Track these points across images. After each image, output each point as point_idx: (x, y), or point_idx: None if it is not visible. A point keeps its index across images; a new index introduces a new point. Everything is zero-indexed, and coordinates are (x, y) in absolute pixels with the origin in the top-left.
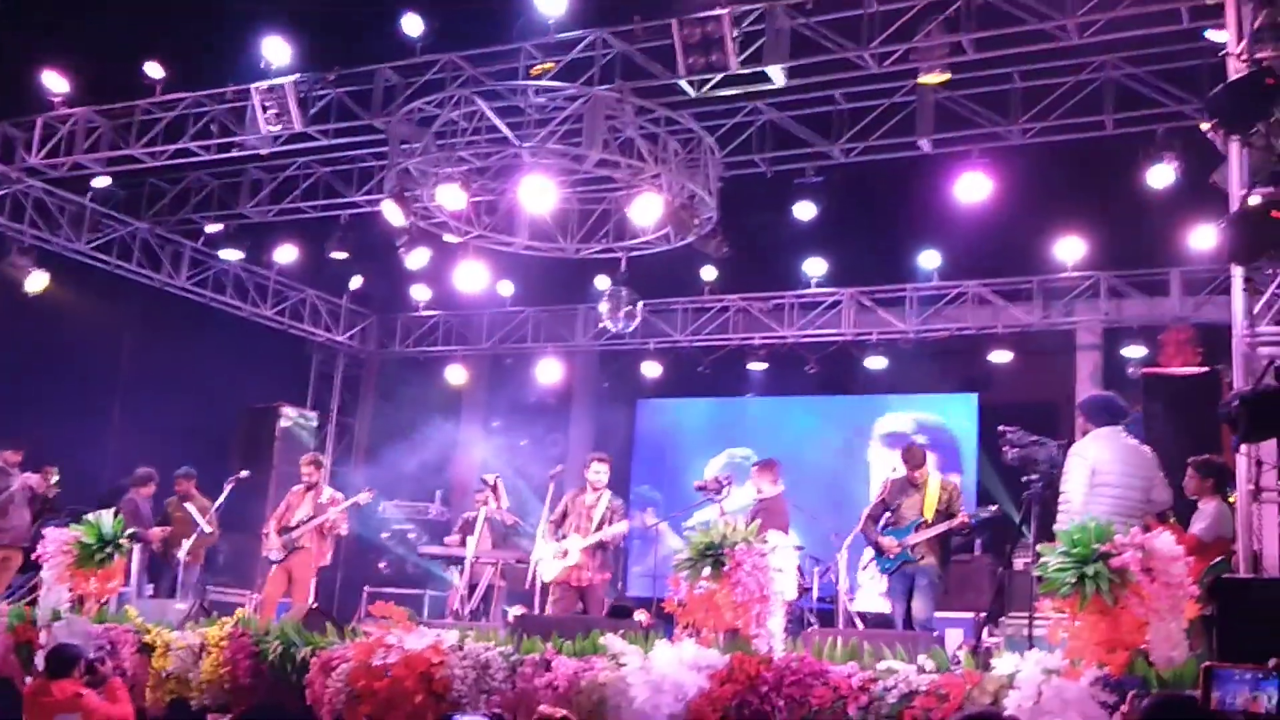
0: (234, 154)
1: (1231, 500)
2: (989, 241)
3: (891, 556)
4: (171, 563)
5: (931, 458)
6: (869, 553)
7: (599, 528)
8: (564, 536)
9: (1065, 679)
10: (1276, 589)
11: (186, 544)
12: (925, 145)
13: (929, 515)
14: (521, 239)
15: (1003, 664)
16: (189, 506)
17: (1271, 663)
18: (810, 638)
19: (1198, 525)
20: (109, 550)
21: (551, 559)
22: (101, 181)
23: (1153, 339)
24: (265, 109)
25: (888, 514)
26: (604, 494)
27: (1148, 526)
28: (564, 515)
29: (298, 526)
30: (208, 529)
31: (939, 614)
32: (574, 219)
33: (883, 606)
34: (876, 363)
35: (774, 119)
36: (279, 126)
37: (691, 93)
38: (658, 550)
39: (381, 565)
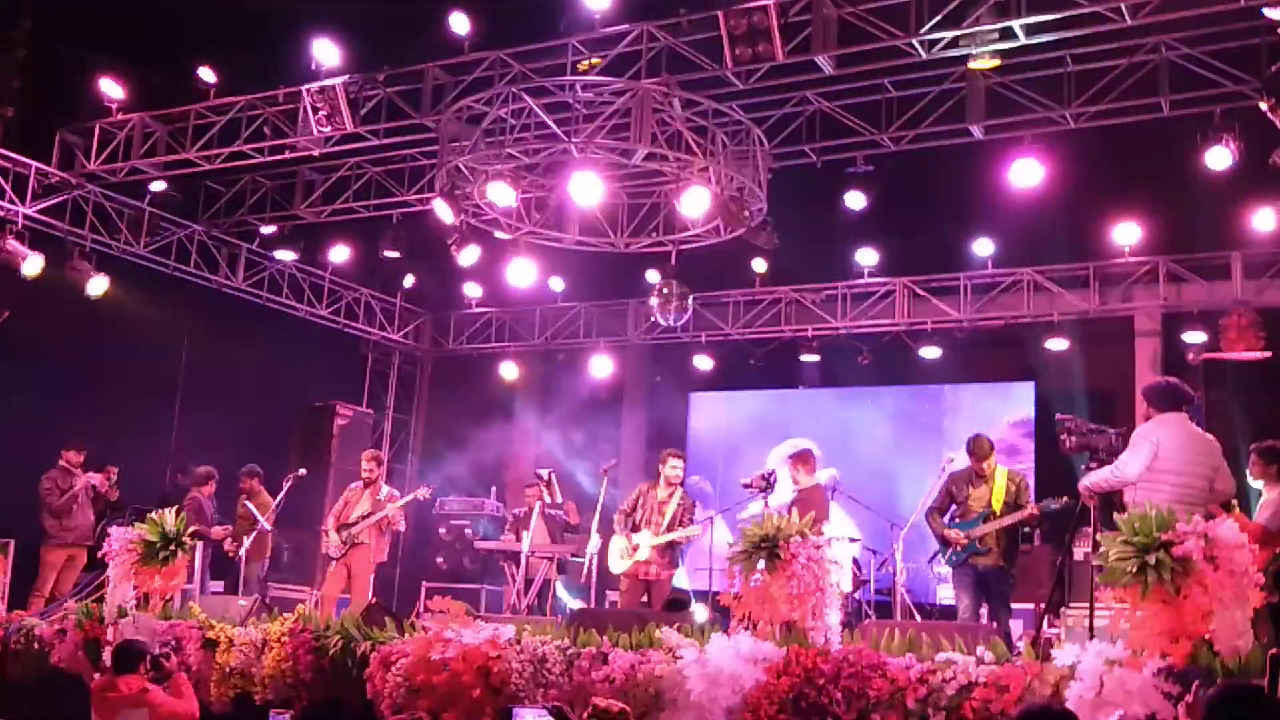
0: (287, 156)
1: None
2: (1043, 228)
3: (959, 549)
4: (235, 559)
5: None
6: (934, 545)
7: (670, 525)
8: (634, 529)
9: (1128, 669)
10: None
11: (247, 540)
12: (977, 131)
13: (997, 507)
14: (571, 234)
15: (1064, 655)
16: (249, 504)
17: None
18: (868, 630)
19: (1263, 514)
20: (172, 548)
21: (619, 554)
22: (158, 185)
23: (1213, 324)
24: (317, 110)
25: (954, 506)
26: (677, 491)
27: (1211, 514)
28: (634, 506)
29: (357, 523)
30: (267, 526)
31: None
32: (623, 213)
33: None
34: (931, 352)
35: (823, 108)
36: (330, 128)
37: (739, 84)
38: (712, 542)
39: (439, 561)
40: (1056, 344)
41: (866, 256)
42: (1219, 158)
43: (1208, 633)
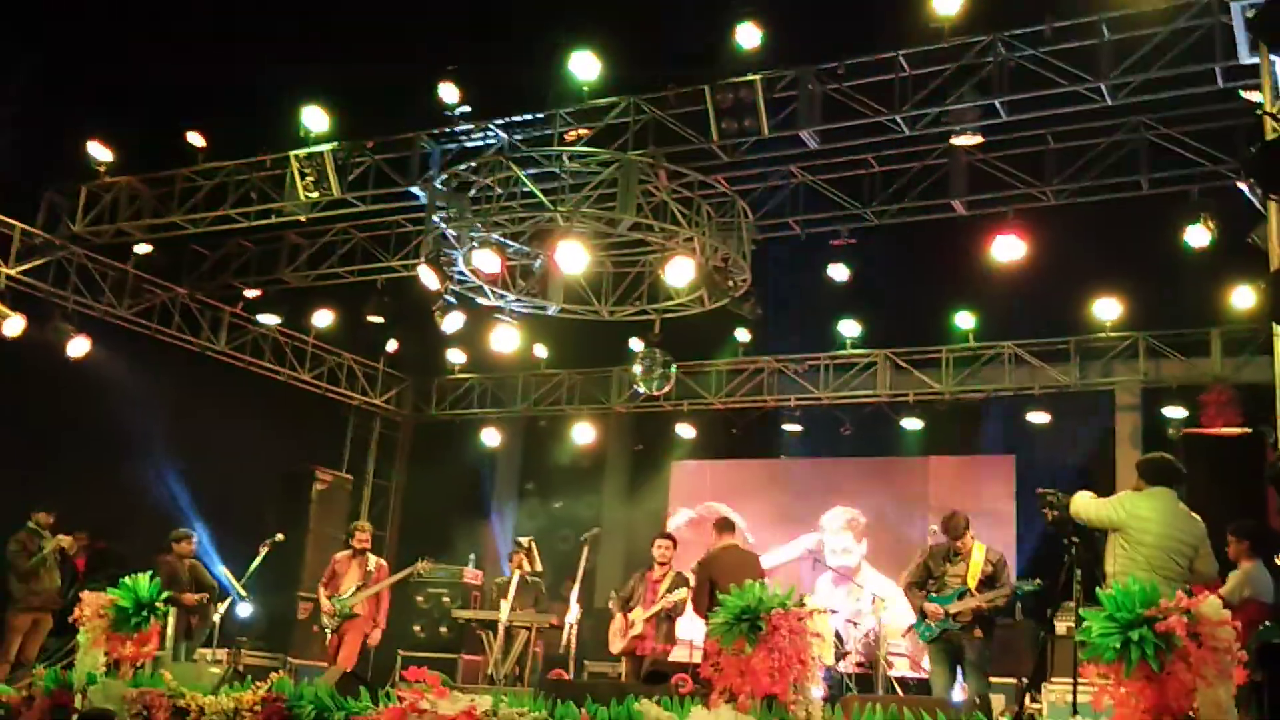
0: (273, 220)
1: (1278, 561)
2: (1025, 302)
3: (933, 623)
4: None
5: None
6: (908, 619)
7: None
8: (630, 610)
9: None
10: None
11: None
12: (959, 207)
13: (972, 584)
14: (556, 302)
15: None
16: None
17: None
18: (849, 704)
19: (1228, 586)
20: (145, 613)
21: (616, 634)
22: (143, 248)
23: (1192, 400)
24: (304, 176)
25: (931, 580)
26: (670, 571)
27: (1191, 591)
28: (631, 592)
29: (353, 594)
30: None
31: None
32: (608, 281)
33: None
34: (913, 424)
35: (807, 181)
36: (317, 194)
37: (724, 157)
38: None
39: (416, 629)
40: (1037, 417)
41: (849, 328)
42: (1197, 236)
43: (1191, 710)
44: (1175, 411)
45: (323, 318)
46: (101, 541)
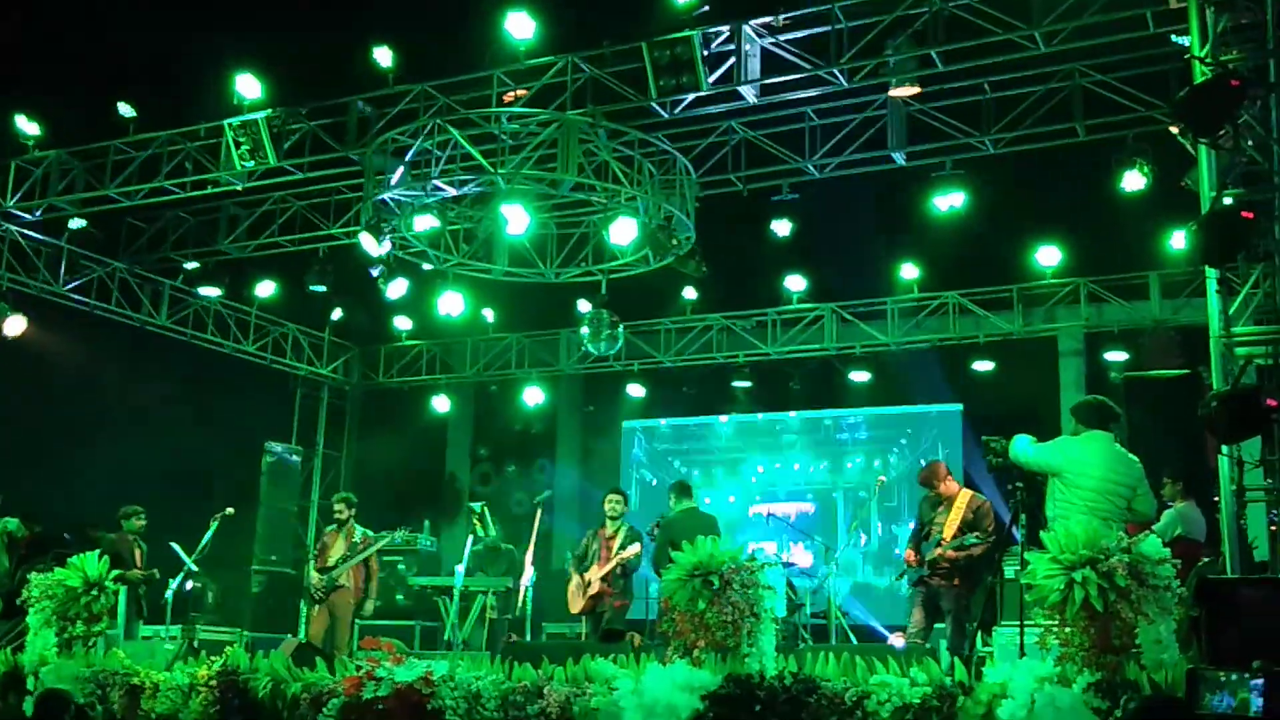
0: (210, 191)
1: (1215, 500)
2: (967, 251)
3: (912, 566)
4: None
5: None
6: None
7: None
8: (586, 569)
9: (1058, 686)
10: (1261, 589)
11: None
12: (899, 158)
13: (949, 533)
14: (501, 265)
15: (995, 673)
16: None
17: (1255, 665)
18: (803, 655)
19: (1160, 523)
20: (94, 592)
21: (575, 594)
22: (77, 223)
23: (1134, 343)
24: (239, 145)
25: (924, 528)
26: (622, 525)
27: (1128, 531)
28: (585, 551)
29: (336, 566)
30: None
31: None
32: (553, 243)
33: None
34: (860, 376)
35: (748, 137)
36: (253, 162)
37: (664, 114)
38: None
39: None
40: (983, 365)
41: (795, 283)
42: (1134, 180)
43: (1134, 646)
44: (1118, 355)
45: (265, 288)
46: (39, 525)
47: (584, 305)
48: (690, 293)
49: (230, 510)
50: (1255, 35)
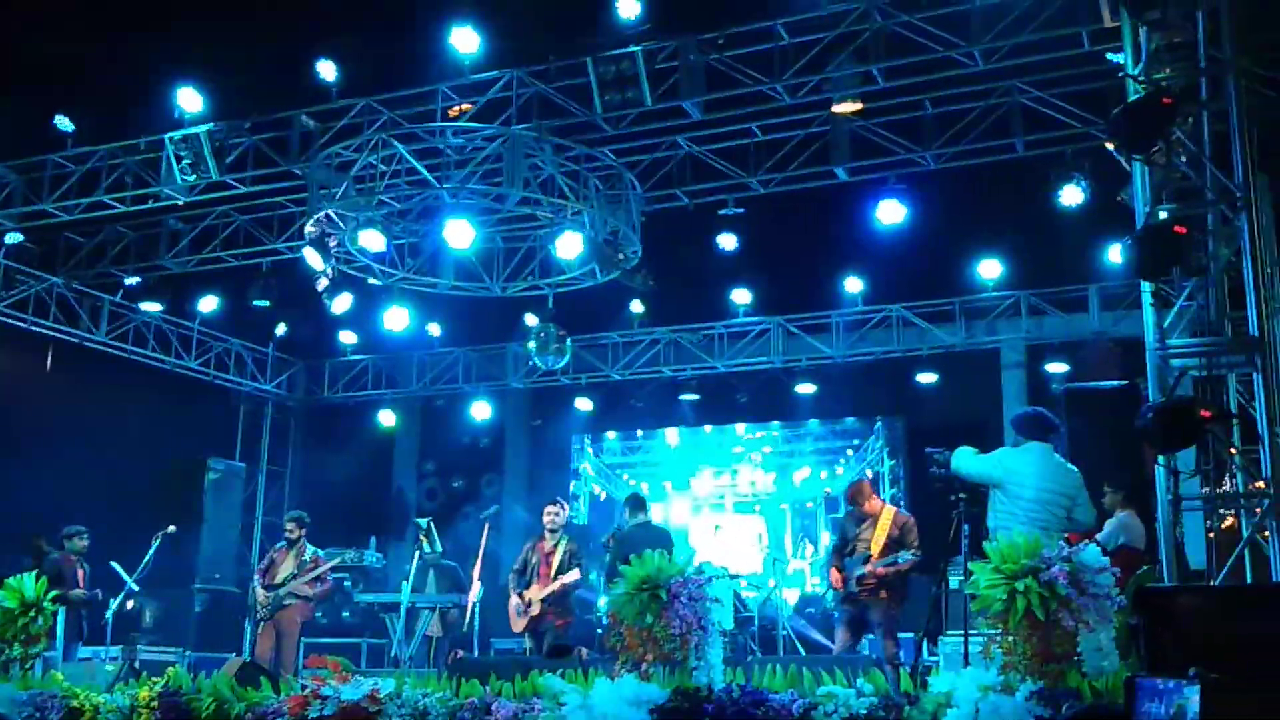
0: (151, 205)
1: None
2: (910, 265)
3: (837, 588)
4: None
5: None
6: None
7: (558, 574)
8: (527, 585)
9: (1001, 694)
10: (1198, 595)
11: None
12: (842, 174)
13: (875, 550)
14: (447, 279)
15: (939, 683)
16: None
17: (1191, 673)
18: (751, 666)
19: (1104, 532)
20: (32, 614)
21: (515, 614)
22: (14, 237)
23: (1075, 355)
24: (180, 159)
25: (846, 544)
26: (561, 537)
27: (1070, 540)
28: (524, 565)
29: (283, 584)
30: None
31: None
32: (499, 258)
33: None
34: (806, 389)
35: (693, 152)
36: (195, 176)
37: (609, 129)
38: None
39: (318, 614)
40: (926, 377)
41: (741, 297)
42: (1072, 195)
43: (1075, 655)
44: (1058, 367)
45: (208, 303)
46: None
47: (531, 319)
48: (637, 307)
49: (173, 528)
50: (1187, 54)
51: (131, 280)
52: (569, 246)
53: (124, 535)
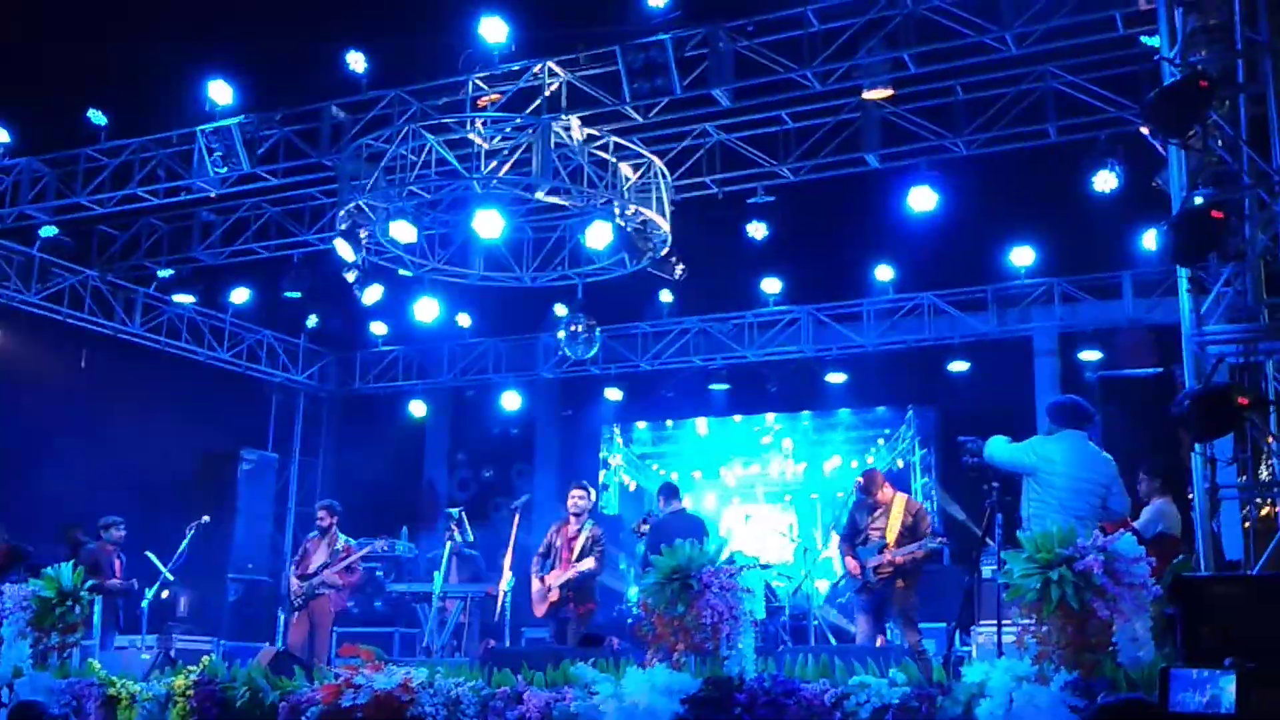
0: (183, 198)
1: (1190, 497)
2: (942, 253)
3: (855, 576)
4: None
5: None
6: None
7: (580, 558)
8: (549, 569)
9: (1036, 685)
10: (1235, 585)
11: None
12: (873, 161)
13: (891, 538)
14: (477, 270)
15: (973, 673)
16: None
17: (1227, 663)
18: (783, 656)
19: (1140, 520)
20: (69, 603)
21: (538, 599)
22: (49, 231)
23: (1109, 342)
24: (212, 151)
25: (857, 533)
26: (586, 521)
27: (1105, 529)
28: (547, 549)
29: (317, 573)
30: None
31: None
32: (529, 248)
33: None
34: (837, 378)
35: (723, 140)
36: (227, 168)
37: (638, 118)
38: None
39: (350, 604)
40: (958, 366)
41: (771, 285)
42: (1106, 181)
43: (1111, 644)
44: (1092, 355)
45: (240, 295)
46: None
47: (561, 309)
48: (667, 296)
49: (206, 518)
50: (1223, 36)
51: (165, 273)
52: (598, 236)
53: (158, 526)
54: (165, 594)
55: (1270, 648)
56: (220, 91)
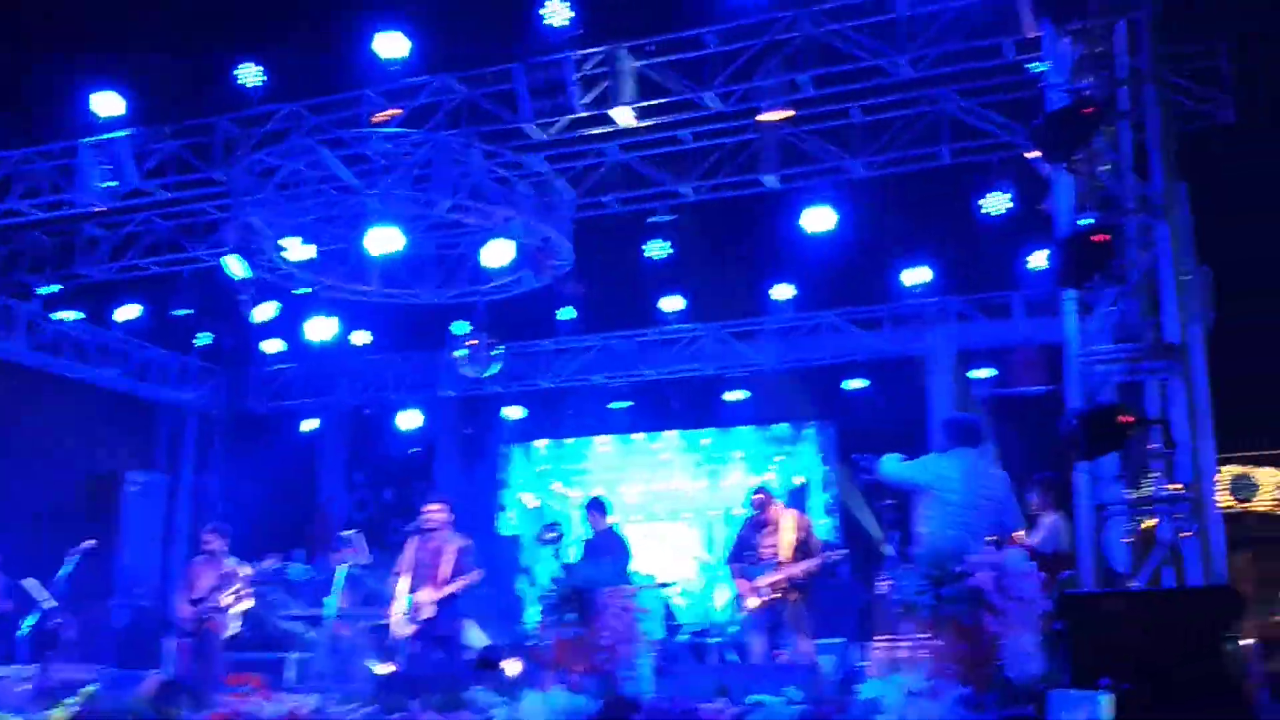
0: (68, 212)
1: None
2: (840, 272)
3: (746, 595)
4: None
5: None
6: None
7: (450, 573)
8: (413, 589)
9: (929, 699)
10: (1120, 602)
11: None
12: (772, 181)
13: (786, 554)
14: (375, 286)
15: (868, 688)
16: None
17: (1104, 684)
18: (683, 676)
19: (1036, 536)
20: None
21: (404, 618)
22: None
23: (1002, 361)
24: (98, 165)
25: (746, 551)
26: (448, 533)
27: (998, 544)
28: (408, 567)
29: (206, 598)
30: None
31: None
32: (429, 264)
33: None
34: (737, 395)
35: (623, 159)
36: (114, 182)
37: (539, 136)
38: None
39: (241, 629)
40: (856, 384)
41: (673, 303)
42: (997, 203)
43: (999, 659)
44: (985, 373)
45: (128, 312)
46: None
47: (461, 327)
48: (569, 314)
49: (92, 542)
50: (1108, 64)
51: (48, 289)
52: (499, 253)
53: (40, 552)
54: (56, 621)
55: (1149, 661)
56: (111, 103)
